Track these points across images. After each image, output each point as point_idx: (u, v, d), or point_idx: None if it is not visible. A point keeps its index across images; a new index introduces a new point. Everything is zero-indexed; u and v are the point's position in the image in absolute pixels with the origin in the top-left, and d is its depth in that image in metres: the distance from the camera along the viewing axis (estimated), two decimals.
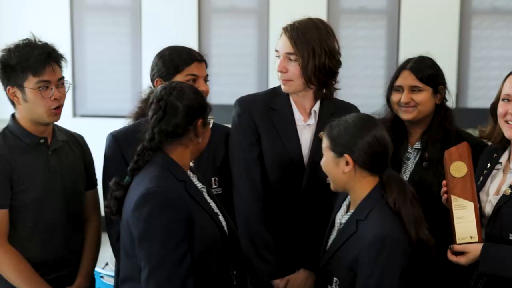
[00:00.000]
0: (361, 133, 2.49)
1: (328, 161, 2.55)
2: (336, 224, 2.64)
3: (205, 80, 3.02)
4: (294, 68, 2.91)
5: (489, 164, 2.80)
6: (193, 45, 3.24)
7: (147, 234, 2.34)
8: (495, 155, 2.82)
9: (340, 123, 2.54)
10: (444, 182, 2.80)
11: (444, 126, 3.10)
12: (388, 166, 2.56)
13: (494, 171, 2.79)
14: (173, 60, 2.97)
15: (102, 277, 3.90)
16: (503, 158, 2.78)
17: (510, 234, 2.59)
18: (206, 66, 3.06)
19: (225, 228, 2.58)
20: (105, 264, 4.61)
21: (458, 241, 2.70)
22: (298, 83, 2.93)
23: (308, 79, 2.90)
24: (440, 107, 3.13)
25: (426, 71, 3.08)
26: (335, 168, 2.53)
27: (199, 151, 2.57)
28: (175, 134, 2.46)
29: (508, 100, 2.68)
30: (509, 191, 2.67)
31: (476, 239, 2.66)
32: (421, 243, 2.48)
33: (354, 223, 2.52)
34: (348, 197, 2.65)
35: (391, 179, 2.54)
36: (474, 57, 7.07)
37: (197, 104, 2.47)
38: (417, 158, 3.11)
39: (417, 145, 3.13)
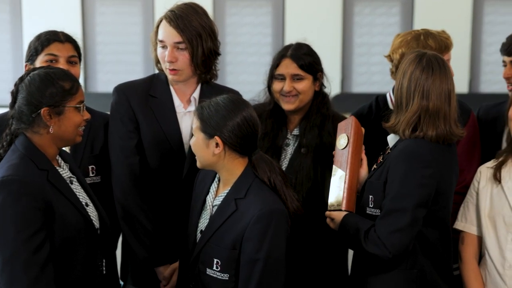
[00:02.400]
0: (231, 115, 2.50)
1: (198, 142, 2.55)
2: (208, 207, 2.64)
3: (71, 61, 2.98)
4: (183, 57, 2.89)
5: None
6: (77, 33, 3.16)
7: (0, 224, 2.29)
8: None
9: (211, 104, 2.54)
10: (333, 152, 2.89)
11: (322, 112, 3.16)
12: (257, 147, 2.59)
13: None
14: (35, 42, 2.98)
15: None
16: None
17: (367, 208, 2.70)
18: (76, 48, 3.01)
19: (94, 218, 2.55)
20: None
21: (328, 208, 2.81)
22: (188, 71, 2.92)
23: (197, 66, 2.89)
24: (319, 94, 3.18)
25: (306, 58, 3.11)
26: (205, 149, 2.53)
27: (66, 140, 2.51)
28: (22, 122, 2.44)
29: None
30: (374, 167, 2.76)
31: (342, 207, 2.75)
32: (294, 214, 2.56)
33: (232, 202, 2.53)
34: (216, 179, 2.66)
35: (259, 159, 2.58)
36: (357, 43, 7.23)
37: (38, 94, 2.41)
38: (295, 145, 3.15)
39: (296, 131, 3.17)
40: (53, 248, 2.36)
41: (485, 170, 2.84)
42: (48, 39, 2.96)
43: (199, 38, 2.86)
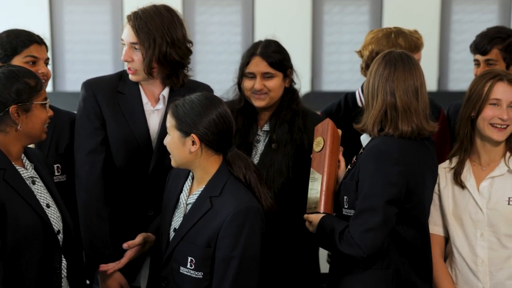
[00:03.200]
0: (206, 111, 2.49)
1: (174, 140, 2.53)
2: (181, 205, 2.63)
3: (46, 63, 2.96)
4: (138, 58, 2.87)
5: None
6: (44, 31, 3.14)
7: None
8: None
9: (186, 102, 2.53)
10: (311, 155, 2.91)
11: (292, 108, 3.17)
12: (232, 144, 2.59)
13: None
14: (11, 42, 2.91)
15: None
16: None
17: (343, 209, 2.70)
18: (47, 49, 2.99)
19: (55, 220, 2.52)
20: None
21: (307, 210, 2.82)
22: (144, 73, 2.89)
23: (148, 69, 2.87)
24: (289, 90, 3.19)
25: (276, 56, 3.11)
26: (182, 147, 2.51)
27: (33, 137, 2.49)
28: None
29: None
30: (348, 167, 2.78)
31: (320, 210, 2.76)
32: (268, 211, 2.56)
33: (207, 200, 2.51)
34: (190, 177, 2.66)
35: (234, 156, 2.58)
36: (326, 42, 7.26)
37: (5, 92, 2.39)
38: (266, 141, 3.16)
39: (266, 127, 3.18)
40: (5, 247, 2.33)
41: (442, 171, 2.84)
42: (28, 40, 2.92)
43: (153, 42, 2.83)
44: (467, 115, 2.76)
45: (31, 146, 2.71)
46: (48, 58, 2.99)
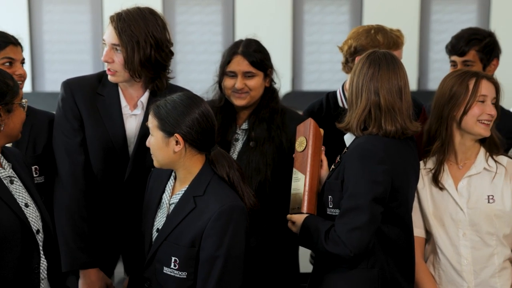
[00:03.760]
0: (188, 110, 2.49)
1: (157, 141, 2.52)
2: (164, 205, 2.62)
3: (22, 63, 2.94)
4: (119, 59, 2.84)
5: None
6: (23, 32, 3.12)
7: None
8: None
9: (167, 102, 2.52)
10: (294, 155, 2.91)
11: (271, 106, 3.17)
12: (215, 143, 2.59)
13: None
14: None
15: None
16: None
17: (327, 209, 2.70)
18: (22, 50, 2.97)
19: (34, 220, 2.50)
20: None
21: (290, 211, 2.82)
22: (124, 74, 2.87)
23: (133, 72, 2.85)
24: (269, 90, 3.19)
25: (257, 55, 3.12)
26: (165, 147, 2.51)
27: (12, 136, 2.48)
28: None
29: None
30: (332, 167, 2.78)
31: (303, 210, 2.76)
32: (251, 210, 2.57)
33: (191, 200, 2.51)
34: (172, 177, 2.65)
35: (218, 154, 2.58)
36: (307, 41, 7.27)
37: None
38: (244, 139, 3.16)
39: (245, 126, 3.18)
40: None
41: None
42: (3, 41, 2.90)
43: (136, 45, 2.81)
44: (449, 115, 2.77)
45: (9, 145, 2.70)
46: (24, 59, 2.98)
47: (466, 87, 2.73)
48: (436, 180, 2.79)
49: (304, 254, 3.36)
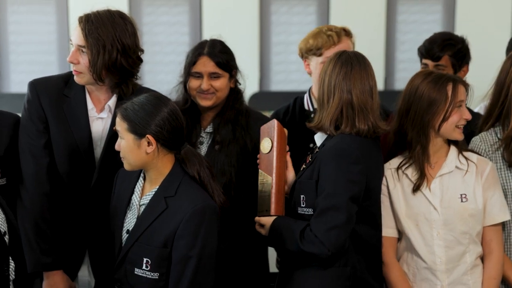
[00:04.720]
0: (157, 110, 2.48)
1: (129, 144, 2.50)
2: (134, 206, 2.60)
3: None
4: (85, 61, 2.80)
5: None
6: None
7: None
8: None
9: (134, 103, 2.50)
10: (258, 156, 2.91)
11: (235, 107, 3.17)
12: (185, 141, 2.58)
13: None
14: None
15: None
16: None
17: (299, 208, 2.71)
18: None
19: (0, 221, 2.46)
20: None
21: (258, 213, 2.82)
22: (89, 76, 2.83)
23: (97, 76, 2.81)
24: (233, 91, 3.19)
25: (223, 56, 3.11)
26: (137, 150, 2.49)
27: None
28: None
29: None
30: (303, 166, 2.79)
31: (271, 212, 2.76)
32: (220, 208, 2.56)
33: (162, 201, 2.50)
34: (141, 177, 2.63)
35: (188, 152, 2.57)
36: (274, 42, 7.29)
37: None
38: (209, 142, 3.16)
39: (209, 128, 3.17)
40: None
41: (388, 172, 2.86)
42: None
43: (102, 48, 2.77)
44: (429, 124, 2.76)
45: None
46: None
47: (445, 94, 2.73)
48: (417, 189, 2.79)
49: (274, 254, 3.36)
